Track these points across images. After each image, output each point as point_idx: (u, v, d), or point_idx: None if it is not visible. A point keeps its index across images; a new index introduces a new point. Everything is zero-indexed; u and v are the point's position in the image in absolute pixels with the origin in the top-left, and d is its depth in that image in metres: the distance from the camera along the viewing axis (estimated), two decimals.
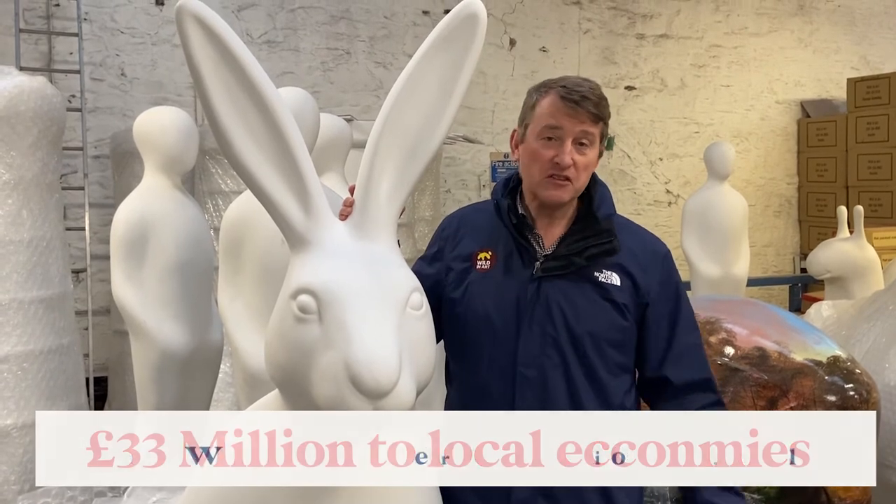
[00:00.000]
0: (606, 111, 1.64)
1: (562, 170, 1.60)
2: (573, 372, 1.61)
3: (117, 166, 4.76)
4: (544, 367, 1.60)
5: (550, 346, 1.61)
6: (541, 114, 1.64)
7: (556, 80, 1.67)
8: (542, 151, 1.63)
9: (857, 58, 7.90)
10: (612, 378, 1.64)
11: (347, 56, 6.09)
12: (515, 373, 1.61)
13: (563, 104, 1.61)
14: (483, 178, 6.55)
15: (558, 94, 1.62)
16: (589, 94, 1.60)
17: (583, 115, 1.60)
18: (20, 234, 3.03)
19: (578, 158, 1.61)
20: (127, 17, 5.45)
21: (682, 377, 1.68)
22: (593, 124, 1.62)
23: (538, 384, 1.60)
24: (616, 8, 7.00)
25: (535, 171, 1.64)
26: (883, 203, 6.73)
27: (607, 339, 1.63)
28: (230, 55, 1.36)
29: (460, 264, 1.70)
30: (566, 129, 1.60)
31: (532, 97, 1.68)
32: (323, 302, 1.33)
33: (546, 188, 1.64)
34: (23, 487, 2.89)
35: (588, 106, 1.60)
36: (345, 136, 3.41)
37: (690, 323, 1.72)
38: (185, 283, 3.06)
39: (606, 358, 1.63)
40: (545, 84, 1.67)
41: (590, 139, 1.62)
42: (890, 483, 2.77)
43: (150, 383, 3.03)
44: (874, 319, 3.25)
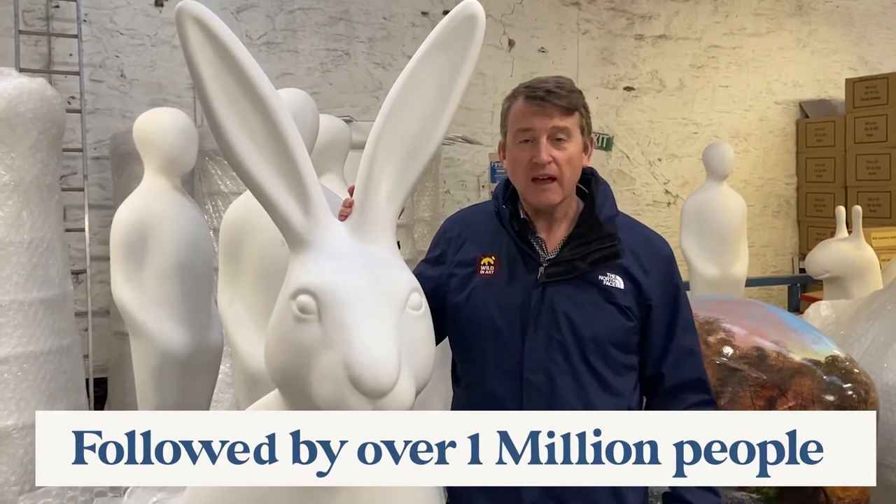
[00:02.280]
0: (578, 101, 1.63)
1: (542, 168, 1.60)
2: (581, 375, 1.61)
3: (117, 167, 4.76)
4: (551, 372, 1.60)
5: (557, 351, 1.61)
6: (513, 119, 1.65)
7: (523, 83, 1.68)
8: (520, 156, 1.63)
9: (856, 58, 7.91)
10: (619, 378, 1.65)
11: (347, 57, 6.10)
12: (522, 378, 1.61)
13: (529, 104, 1.61)
14: (482, 178, 6.55)
15: (524, 97, 1.63)
16: (555, 89, 1.60)
17: (551, 111, 1.60)
18: (20, 236, 3.04)
19: (557, 154, 1.61)
20: (126, 18, 5.45)
21: (677, 378, 1.69)
22: (564, 117, 1.61)
23: (546, 389, 1.60)
24: (615, 9, 7.01)
25: (520, 176, 1.65)
26: (881, 203, 6.74)
27: (612, 341, 1.63)
28: (230, 57, 1.36)
29: (463, 269, 1.70)
30: (537, 127, 1.61)
31: (504, 106, 1.69)
32: (322, 302, 1.34)
33: (533, 193, 1.64)
34: (23, 488, 2.89)
35: (554, 100, 1.60)
36: (344, 137, 3.42)
37: (689, 325, 1.73)
38: (185, 284, 3.06)
39: (612, 360, 1.64)
40: (514, 91, 1.68)
41: (565, 133, 1.62)
42: (889, 483, 2.78)
43: (149, 384, 3.03)
44: (872, 319, 3.26)
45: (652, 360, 1.69)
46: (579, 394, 1.61)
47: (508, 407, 1.61)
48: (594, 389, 1.61)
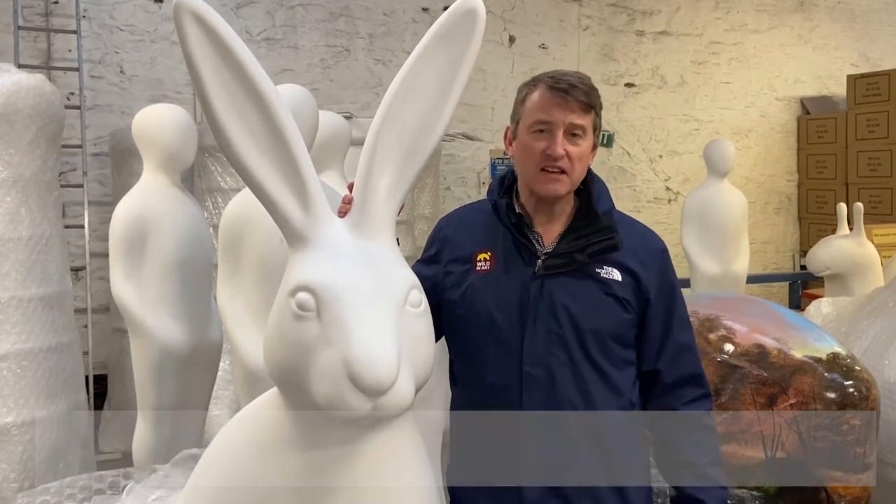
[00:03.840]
0: (597, 101, 1.63)
1: (554, 161, 1.60)
2: (581, 369, 1.60)
3: (116, 164, 4.75)
4: (551, 366, 1.60)
5: (556, 345, 1.60)
6: (531, 108, 1.63)
7: (545, 73, 1.66)
8: (533, 144, 1.62)
9: (857, 54, 7.89)
10: (618, 372, 1.64)
11: (347, 53, 6.09)
12: (522, 372, 1.60)
13: (552, 95, 1.60)
14: (483, 175, 6.55)
15: (546, 86, 1.61)
16: (578, 84, 1.60)
17: (573, 105, 1.59)
18: (19, 232, 3.03)
19: (571, 149, 1.60)
20: (126, 14, 5.44)
21: (674, 374, 1.69)
22: (583, 114, 1.61)
23: (545, 382, 1.59)
24: (616, 5, 6.99)
25: (529, 165, 1.64)
26: (883, 200, 6.73)
27: (612, 334, 1.63)
28: (229, 53, 1.36)
29: (459, 266, 1.69)
30: (556, 120, 1.60)
31: (521, 92, 1.67)
32: (322, 300, 1.33)
33: (541, 182, 1.63)
34: (22, 485, 2.88)
35: (577, 95, 1.59)
36: (344, 133, 3.41)
37: (684, 320, 1.72)
38: (185, 281, 3.06)
39: (612, 353, 1.63)
40: (534, 78, 1.66)
41: (581, 130, 1.61)
42: (889, 480, 2.77)
43: (149, 381, 3.03)
44: (874, 316, 3.25)
45: (649, 356, 1.68)
46: (579, 387, 1.60)
47: (507, 402, 1.61)
48: (594, 382, 1.61)
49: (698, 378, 1.71)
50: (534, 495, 1.59)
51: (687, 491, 1.65)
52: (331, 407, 1.29)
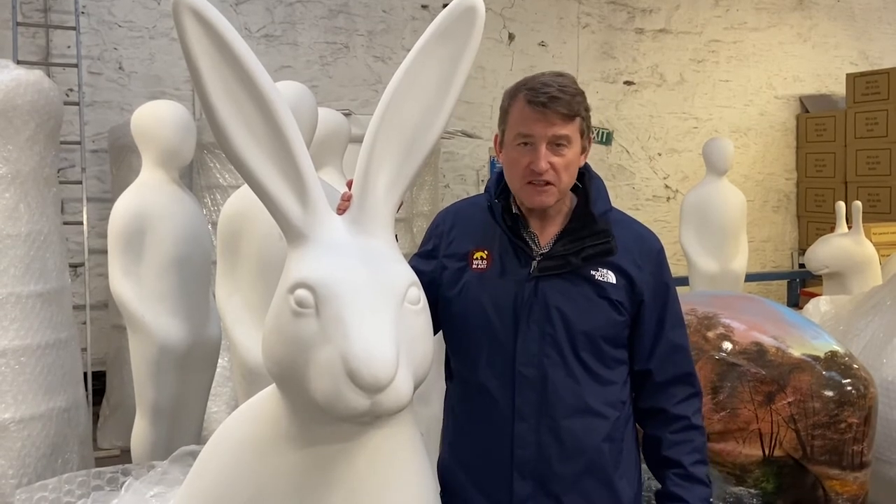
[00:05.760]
0: (580, 106, 1.59)
1: (539, 175, 1.58)
2: (573, 369, 1.61)
3: (115, 160, 4.75)
4: (544, 366, 1.60)
5: (549, 346, 1.61)
6: (513, 121, 1.61)
7: (525, 81, 1.62)
8: (518, 158, 1.60)
9: (857, 53, 7.89)
10: (610, 372, 1.65)
11: (346, 50, 6.08)
12: (514, 372, 1.61)
13: (531, 110, 1.57)
14: (482, 172, 6.55)
15: (525, 100, 1.58)
16: (558, 94, 1.56)
17: (553, 118, 1.56)
18: (17, 228, 3.03)
19: (556, 160, 1.58)
20: (125, 10, 5.43)
21: (665, 373, 1.69)
22: (566, 124, 1.57)
23: (538, 383, 1.60)
24: (615, 2, 6.99)
25: (515, 178, 1.63)
26: (881, 198, 6.73)
27: (604, 335, 1.64)
28: (227, 49, 1.35)
29: (455, 263, 1.69)
30: (537, 135, 1.57)
31: (505, 101, 1.65)
32: (320, 296, 1.33)
33: (528, 195, 1.62)
34: (21, 481, 2.89)
35: (557, 107, 1.55)
36: (343, 130, 3.41)
37: (677, 319, 1.73)
38: (183, 278, 3.06)
39: (603, 354, 1.64)
40: (516, 86, 1.63)
41: (565, 139, 1.58)
42: (887, 477, 2.78)
43: (147, 378, 3.03)
44: (872, 315, 3.26)
45: (641, 356, 1.69)
46: (571, 387, 1.61)
47: (500, 401, 1.62)
48: (586, 382, 1.62)
49: (689, 377, 1.72)
50: (524, 492, 1.60)
51: (671, 488, 1.66)
52: (329, 404, 1.29)
